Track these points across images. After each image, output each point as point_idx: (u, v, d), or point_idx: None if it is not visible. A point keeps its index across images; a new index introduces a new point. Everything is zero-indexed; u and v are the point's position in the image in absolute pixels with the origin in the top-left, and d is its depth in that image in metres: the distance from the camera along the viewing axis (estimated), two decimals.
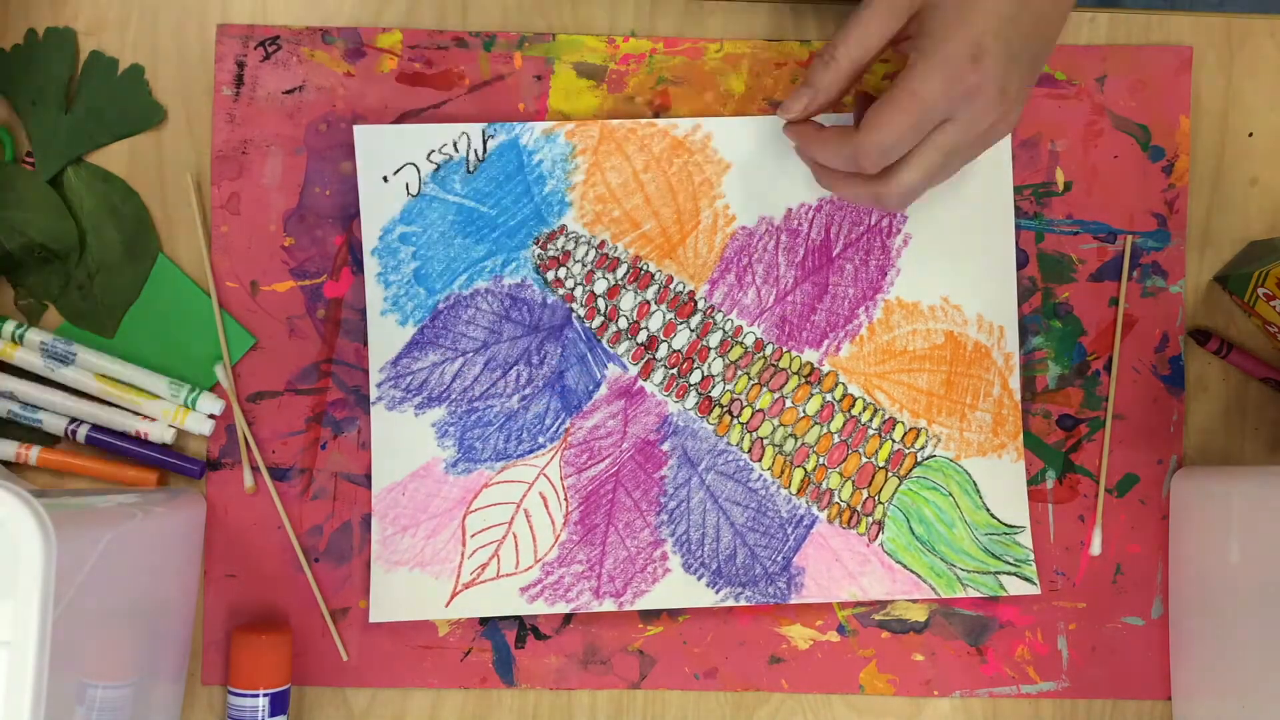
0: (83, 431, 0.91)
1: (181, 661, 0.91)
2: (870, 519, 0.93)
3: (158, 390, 0.91)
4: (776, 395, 0.93)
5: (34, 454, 0.91)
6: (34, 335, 0.91)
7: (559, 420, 0.93)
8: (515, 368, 0.93)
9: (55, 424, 0.91)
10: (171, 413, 0.91)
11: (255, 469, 0.93)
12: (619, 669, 0.93)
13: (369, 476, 0.93)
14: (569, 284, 0.93)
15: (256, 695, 0.88)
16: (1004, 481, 0.94)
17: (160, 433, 0.91)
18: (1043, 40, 0.81)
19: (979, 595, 0.93)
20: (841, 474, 0.93)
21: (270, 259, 0.93)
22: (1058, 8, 0.81)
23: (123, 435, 0.92)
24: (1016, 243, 0.94)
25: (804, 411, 0.93)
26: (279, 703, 0.89)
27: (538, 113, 0.94)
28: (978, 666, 0.93)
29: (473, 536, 0.92)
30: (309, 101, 0.94)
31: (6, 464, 0.92)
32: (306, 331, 0.93)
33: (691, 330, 0.93)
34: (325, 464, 0.93)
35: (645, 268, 0.93)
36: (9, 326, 0.91)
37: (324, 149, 0.93)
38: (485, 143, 0.93)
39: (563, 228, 0.93)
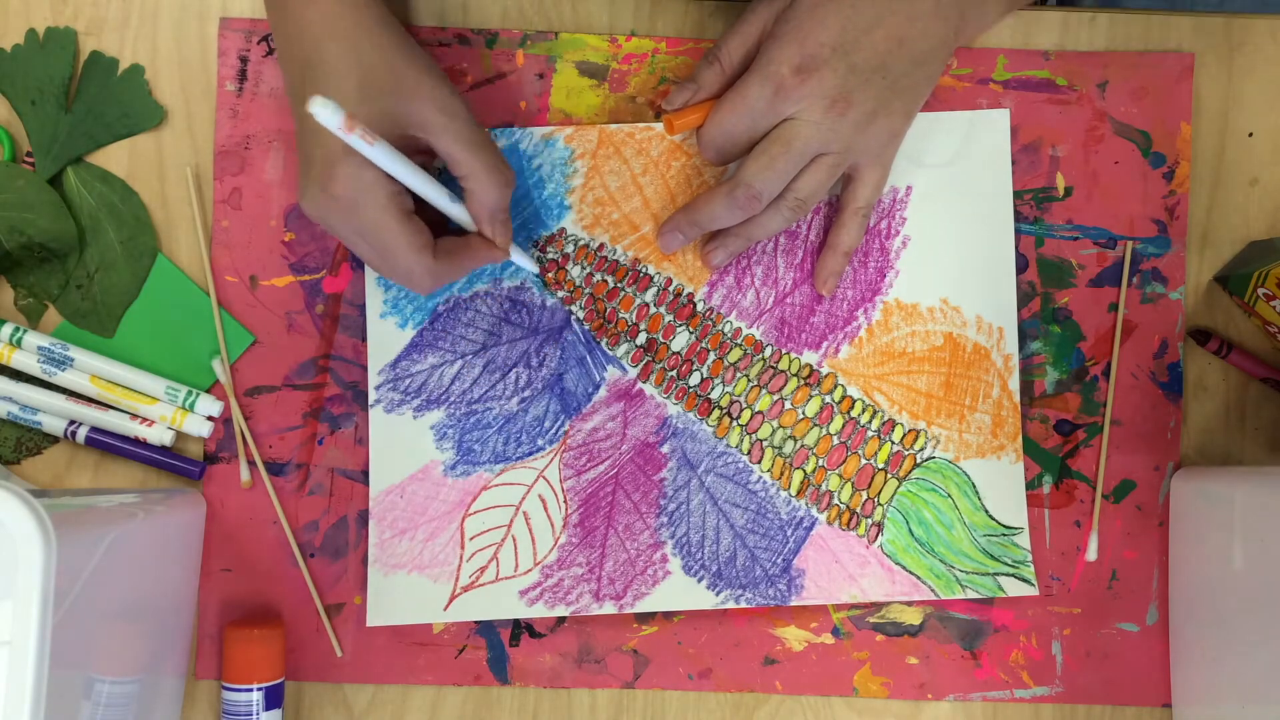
0: (82, 433, 0.91)
1: (183, 657, 0.91)
2: (870, 521, 0.93)
3: (155, 393, 0.92)
4: (776, 397, 0.93)
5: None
6: (31, 339, 0.91)
7: (558, 423, 0.93)
8: (514, 370, 0.93)
9: (55, 425, 0.91)
10: (170, 416, 0.91)
11: (251, 463, 0.93)
12: (613, 668, 0.93)
13: (366, 473, 0.93)
14: (568, 287, 0.93)
15: (250, 689, 0.89)
16: (1003, 483, 0.94)
17: (159, 435, 0.91)
18: (908, 60, 0.85)
19: (978, 596, 0.93)
20: (841, 476, 0.93)
21: (270, 254, 0.93)
22: (923, 33, 0.85)
23: (122, 437, 0.92)
24: (1016, 248, 0.94)
25: (803, 413, 0.93)
26: (273, 696, 0.89)
27: (539, 111, 0.94)
28: (972, 670, 0.93)
29: (471, 539, 0.92)
30: None
31: (6, 462, 0.92)
32: (305, 327, 0.93)
33: (691, 332, 0.93)
34: (322, 459, 0.93)
35: (644, 270, 0.93)
36: (7, 330, 0.91)
37: None
38: None
39: (562, 230, 0.93)
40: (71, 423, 0.91)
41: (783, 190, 0.87)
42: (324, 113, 0.68)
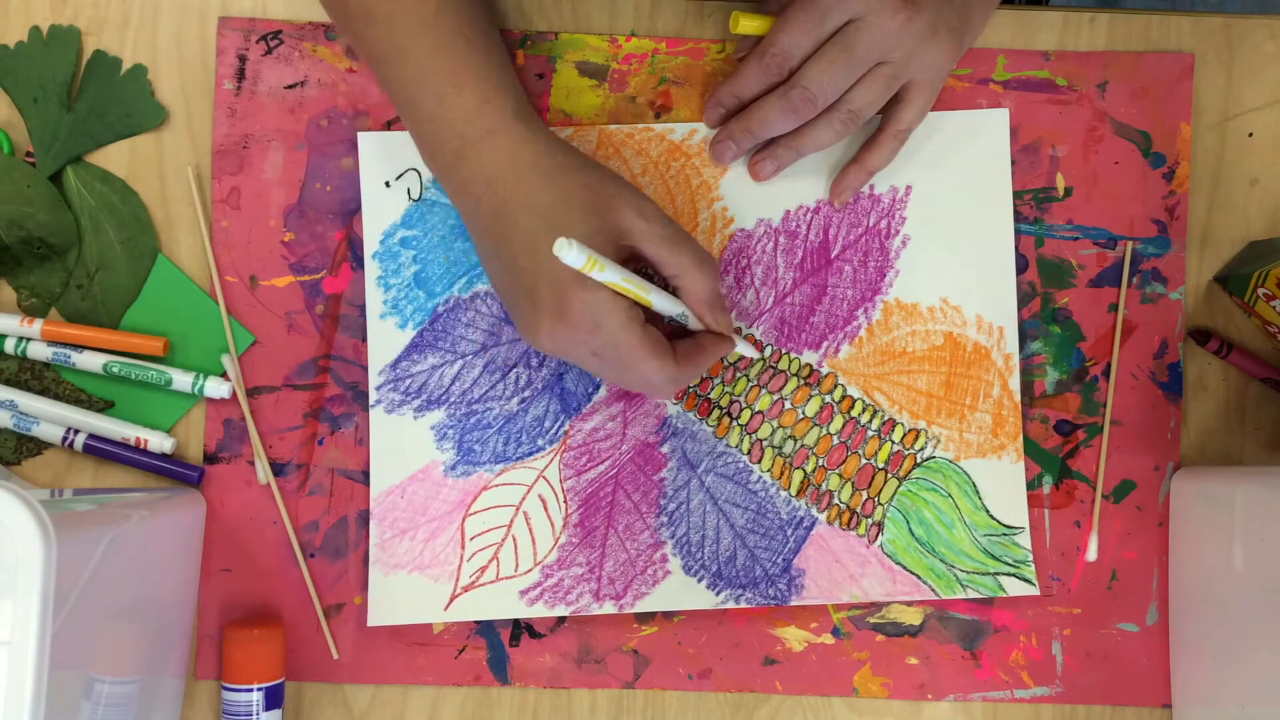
0: (80, 440, 0.91)
1: (183, 658, 0.91)
2: (870, 520, 0.93)
3: (168, 374, 0.92)
4: (775, 397, 0.93)
5: (37, 327, 0.91)
6: (40, 348, 0.92)
7: (558, 423, 0.93)
8: (514, 370, 0.93)
9: (52, 434, 0.91)
10: (190, 380, 0.92)
11: (250, 463, 0.93)
12: (613, 668, 0.93)
13: (366, 473, 0.93)
14: None
15: (250, 690, 0.89)
16: (1003, 482, 0.94)
17: (158, 443, 0.91)
18: None
19: (979, 596, 0.93)
20: (841, 475, 0.93)
21: (270, 254, 0.93)
22: None
23: (120, 444, 0.92)
24: (1016, 248, 0.94)
25: (803, 413, 0.93)
26: (273, 697, 0.89)
27: (539, 111, 0.94)
28: (972, 670, 0.93)
29: (472, 539, 0.92)
30: (311, 97, 0.93)
31: (6, 463, 0.92)
32: (305, 327, 0.93)
33: None
34: (322, 460, 0.93)
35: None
36: (10, 342, 0.92)
37: (325, 145, 0.93)
38: None
39: None
40: (70, 430, 0.91)
41: (836, 100, 0.87)
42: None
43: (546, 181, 0.81)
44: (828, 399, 0.93)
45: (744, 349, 0.91)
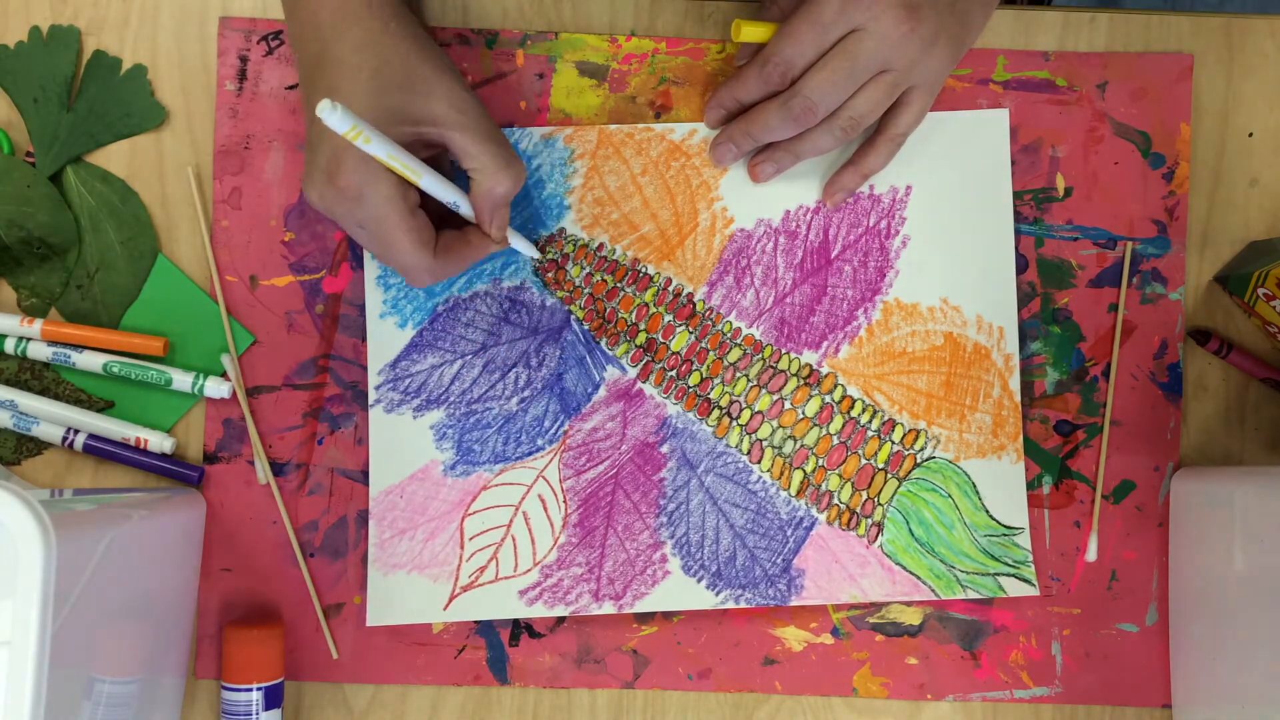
0: (80, 440, 0.91)
1: (183, 657, 0.91)
2: (870, 521, 0.93)
3: (168, 374, 0.92)
4: (775, 397, 0.93)
5: (37, 327, 0.92)
6: (40, 348, 0.92)
7: (558, 422, 0.93)
8: (514, 370, 0.93)
9: (52, 434, 0.91)
10: (190, 380, 0.92)
11: (250, 463, 0.93)
12: (613, 668, 0.93)
13: (366, 473, 0.93)
14: (567, 286, 0.93)
15: (250, 689, 0.89)
16: (1003, 483, 0.94)
17: (158, 443, 0.91)
18: None
19: (978, 596, 0.93)
20: (841, 476, 0.93)
21: (270, 254, 0.93)
22: None
23: (120, 444, 0.92)
24: (1016, 248, 0.94)
25: (803, 413, 0.93)
26: (273, 696, 0.89)
27: (539, 111, 0.94)
28: (971, 670, 0.93)
29: (471, 539, 0.92)
30: None
31: (6, 463, 0.92)
32: (305, 327, 0.93)
33: (690, 332, 0.93)
34: (322, 459, 0.93)
35: (644, 270, 0.93)
36: (10, 342, 0.92)
37: None
38: None
39: (561, 230, 0.93)
40: (70, 430, 0.91)
41: (837, 108, 0.87)
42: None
43: (363, 44, 0.80)
44: (828, 399, 0.93)
45: (519, 244, 0.90)
